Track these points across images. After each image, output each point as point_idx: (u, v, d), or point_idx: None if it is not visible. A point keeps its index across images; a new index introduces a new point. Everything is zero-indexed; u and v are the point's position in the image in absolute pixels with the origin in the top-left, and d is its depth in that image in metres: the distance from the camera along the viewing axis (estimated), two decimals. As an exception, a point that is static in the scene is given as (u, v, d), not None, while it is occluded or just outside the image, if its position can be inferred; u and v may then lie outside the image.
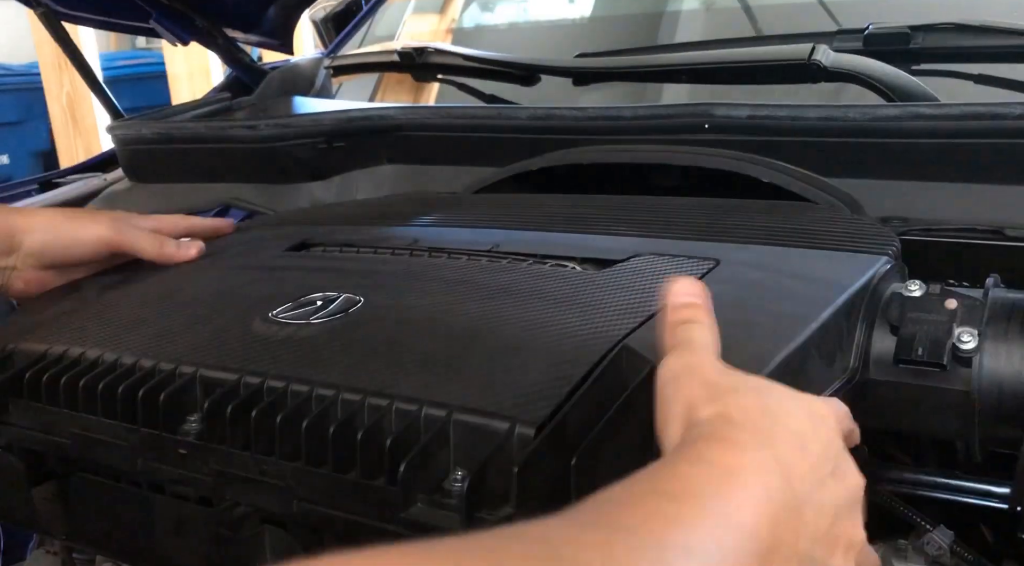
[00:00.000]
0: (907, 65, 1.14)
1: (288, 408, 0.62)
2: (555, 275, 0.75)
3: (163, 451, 0.66)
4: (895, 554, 0.78)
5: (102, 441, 0.70)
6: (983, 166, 0.90)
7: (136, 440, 0.67)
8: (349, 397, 0.61)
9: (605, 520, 0.38)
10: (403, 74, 1.62)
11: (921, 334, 0.67)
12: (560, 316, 0.65)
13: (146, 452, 0.67)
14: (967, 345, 0.66)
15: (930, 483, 0.81)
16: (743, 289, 0.69)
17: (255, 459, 0.62)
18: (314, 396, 0.62)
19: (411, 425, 0.57)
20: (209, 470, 0.64)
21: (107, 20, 1.55)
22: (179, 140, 1.30)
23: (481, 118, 1.19)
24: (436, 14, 1.91)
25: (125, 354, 0.72)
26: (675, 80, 1.37)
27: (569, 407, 0.54)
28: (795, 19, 1.51)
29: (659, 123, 1.05)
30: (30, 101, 4.27)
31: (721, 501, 0.40)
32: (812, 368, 0.63)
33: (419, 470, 0.56)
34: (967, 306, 0.68)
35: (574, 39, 1.72)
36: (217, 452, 0.64)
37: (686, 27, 1.63)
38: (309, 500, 0.61)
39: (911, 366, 0.68)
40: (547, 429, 0.53)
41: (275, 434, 0.61)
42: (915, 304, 0.69)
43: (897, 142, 0.94)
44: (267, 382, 0.64)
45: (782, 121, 0.98)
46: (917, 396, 0.69)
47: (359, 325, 0.69)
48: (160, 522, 0.71)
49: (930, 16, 1.22)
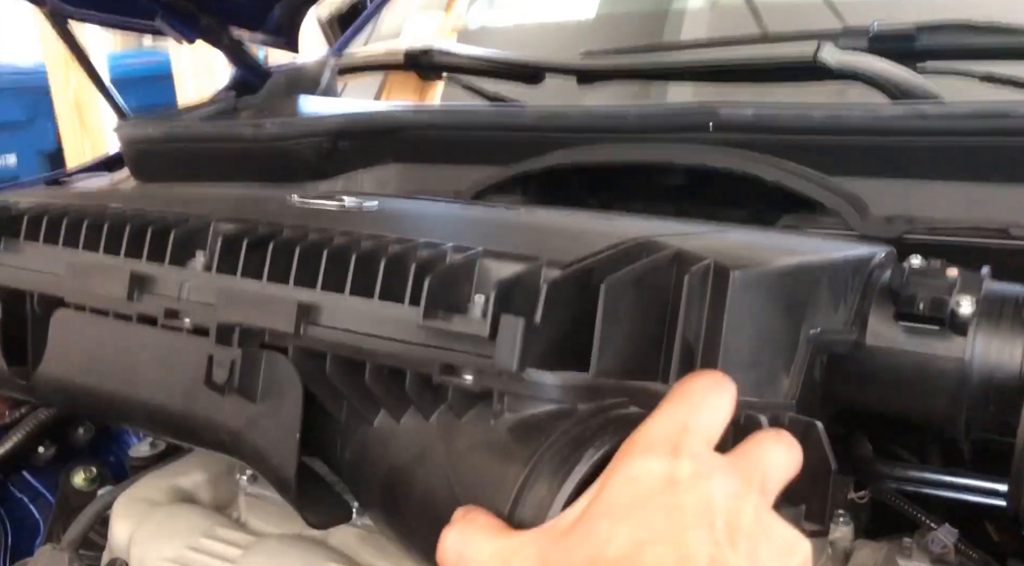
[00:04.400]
0: (912, 64, 1.14)
1: (307, 242, 0.62)
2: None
3: (165, 284, 0.66)
4: (900, 552, 0.78)
5: (99, 273, 0.69)
6: (988, 166, 0.90)
7: (137, 272, 0.67)
8: (369, 242, 0.62)
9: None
10: (408, 73, 1.62)
11: (923, 293, 0.68)
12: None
13: (146, 285, 0.67)
14: (965, 310, 0.67)
15: (934, 481, 0.81)
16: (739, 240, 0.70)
17: (267, 286, 0.62)
18: (334, 236, 0.63)
19: (436, 258, 0.58)
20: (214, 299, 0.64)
21: (113, 19, 1.55)
22: (185, 140, 1.31)
23: (486, 118, 1.20)
24: (441, 12, 1.91)
25: (131, 209, 0.71)
26: (680, 79, 1.37)
27: (593, 262, 0.56)
28: (800, 18, 1.51)
29: (664, 123, 1.05)
30: (37, 101, 4.27)
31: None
32: (822, 301, 0.64)
33: (444, 289, 0.56)
34: (966, 278, 0.69)
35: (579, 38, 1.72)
36: (225, 282, 0.64)
37: (691, 26, 1.63)
38: (319, 323, 0.61)
39: (910, 324, 0.68)
40: (573, 268, 0.55)
41: (292, 264, 0.62)
42: (917, 271, 0.70)
43: (902, 141, 0.94)
44: (285, 228, 0.65)
45: (787, 121, 0.98)
46: (910, 364, 0.69)
47: (384, 209, 0.70)
48: (148, 356, 0.70)
49: (936, 15, 1.22)
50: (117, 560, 0.88)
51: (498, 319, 0.53)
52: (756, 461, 0.48)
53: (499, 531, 0.50)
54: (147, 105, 1.81)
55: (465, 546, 0.50)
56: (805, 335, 0.64)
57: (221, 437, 0.67)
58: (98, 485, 1.19)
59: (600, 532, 0.44)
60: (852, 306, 0.70)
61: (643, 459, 0.46)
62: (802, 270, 0.64)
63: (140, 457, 1.09)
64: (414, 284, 0.58)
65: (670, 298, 0.58)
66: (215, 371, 0.64)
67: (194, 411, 0.68)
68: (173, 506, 0.92)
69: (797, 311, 0.64)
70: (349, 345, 0.62)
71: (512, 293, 0.55)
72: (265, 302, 0.63)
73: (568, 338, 0.55)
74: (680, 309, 0.57)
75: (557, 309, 0.54)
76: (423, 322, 0.57)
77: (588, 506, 0.46)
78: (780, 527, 0.46)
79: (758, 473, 0.48)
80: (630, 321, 0.56)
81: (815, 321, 0.65)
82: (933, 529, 0.77)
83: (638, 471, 0.46)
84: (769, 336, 0.62)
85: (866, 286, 0.71)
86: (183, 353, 0.68)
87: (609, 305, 0.54)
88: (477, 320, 0.56)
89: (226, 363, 0.64)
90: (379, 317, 0.60)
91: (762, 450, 0.50)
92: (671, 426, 0.47)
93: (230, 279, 0.65)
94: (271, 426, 0.64)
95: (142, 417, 0.71)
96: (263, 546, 0.84)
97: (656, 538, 0.43)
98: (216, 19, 1.49)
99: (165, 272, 0.67)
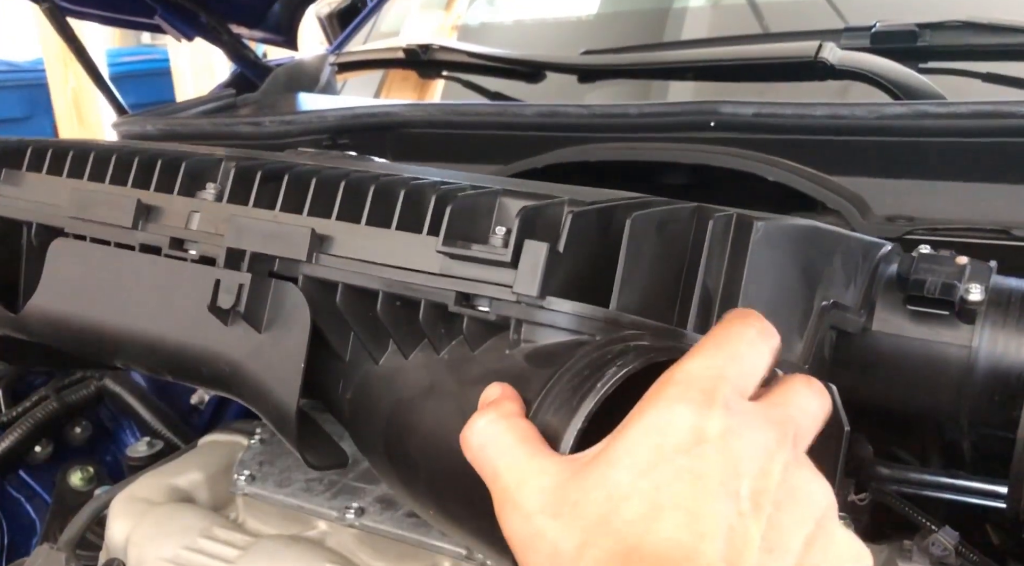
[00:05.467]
0: (914, 63, 1.14)
1: (323, 175, 0.61)
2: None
3: (173, 214, 0.64)
4: (900, 555, 0.77)
5: (104, 201, 0.66)
6: (990, 165, 0.90)
7: (145, 201, 0.65)
8: (387, 177, 0.61)
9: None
10: (408, 71, 1.62)
11: (933, 278, 0.68)
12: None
13: (152, 214, 0.65)
14: (975, 296, 0.66)
15: (935, 483, 0.80)
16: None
17: (280, 215, 0.61)
18: (351, 172, 0.62)
19: (456, 191, 0.57)
20: (224, 230, 0.62)
21: (112, 16, 1.55)
22: (184, 136, 1.30)
23: (486, 115, 1.19)
24: (441, 10, 1.90)
25: (140, 146, 0.70)
26: (681, 77, 1.36)
27: (617, 202, 0.56)
28: (802, 16, 1.50)
29: (665, 121, 1.04)
30: (35, 97, 4.27)
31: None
32: (835, 274, 0.64)
33: (464, 218, 0.55)
34: (976, 266, 0.69)
35: (580, 36, 1.71)
36: (237, 211, 0.62)
37: (692, 24, 1.62)
38: (332, 253, 0.60)
39: (918, 308, 0.68)
40: (598, 204, 0.55)
41: (307, 195, 0.61)
42: (927, 257, 0.70)
43: (904, 141, 0.93)
44: (299, 164, 0.64)
45: (788, 119, 0.98)
46: (916, 352, 0.69)
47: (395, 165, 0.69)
48: (149, 285, 0.68)
49: (938, 14, 1.21)
50: (114, 560, 0.88)
51: (521, 244, 0.52)
52: (790, 409, 0.46)
53: (524, 440, 0.47)
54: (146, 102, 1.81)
55: (491, 442, 0.47)
56: (818, 304, 0.64)
57: (221, 370, 0.65)
58: (95, 484, 1.19)
59: (618, 484, 0.42)
60: (861, 290, 0.69)
61: (673, 406, 0.43)
62: (819, 234, 0.64)
63: (137, 456, 1.09)
64: (434, 214, 0.57)
65: (690, 246, 0.57)
66: (221, 296, 0.62)
67: (194, 342, 0.65)
68: (170, 506, 0.91)
69: (812, 277, 0.63)
70: (362, 274, 0.60)
71: (535, 222, 0.54)
72: (278, 230, 0.62)
73: (589, 274, 0.53)
74: (702, 255, 0.56)
75: (580, 242, 0.54)
76: (442, 247, 0.55)
77: (610, 448, 0.44)
78: (807, 482, 0.44)
79: (792, 424, 0.45)
80: (651, 263, 0.55)
81: (828, 293, 0.64)
82: (934, 531, 0.77)
83: (666, 420, 0.43)
84: (786, 294, 0.61)
85: (874, 274, 0.70)
86: (187, 281, 0.65)
87: (633, 241, 0.54)
88: (498, 247, 0.54)
89: (233, 288, 0.62)
90: (395, 247, 0.59)
91: (796, 396, 0.47)
92: (708, 371, 0.45)
93: (242, 209, 0.63)
94: (275, 356, 0.62)
95: (137, 351, 0.69)
96: (261, 547, 0.83)
97: (674, 504, 0.41)
98: (215, 16, 1.49)
99: (173, 202, 0.65)
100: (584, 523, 0.43)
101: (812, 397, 0.48)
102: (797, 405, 0.47)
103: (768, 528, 0.42)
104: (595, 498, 0.43)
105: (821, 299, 0.64)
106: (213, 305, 0.62)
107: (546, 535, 0.43)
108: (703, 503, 0.41)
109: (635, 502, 0.42)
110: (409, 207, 0.59)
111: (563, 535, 0.43)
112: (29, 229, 0.74)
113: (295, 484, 0.89)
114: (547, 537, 0.43)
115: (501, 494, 0.46)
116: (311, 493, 0.87)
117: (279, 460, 0.93)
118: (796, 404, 0.47)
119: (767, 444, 0.43)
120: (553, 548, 0.43)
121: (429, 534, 0.80)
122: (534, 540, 0.44)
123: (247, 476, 0.90)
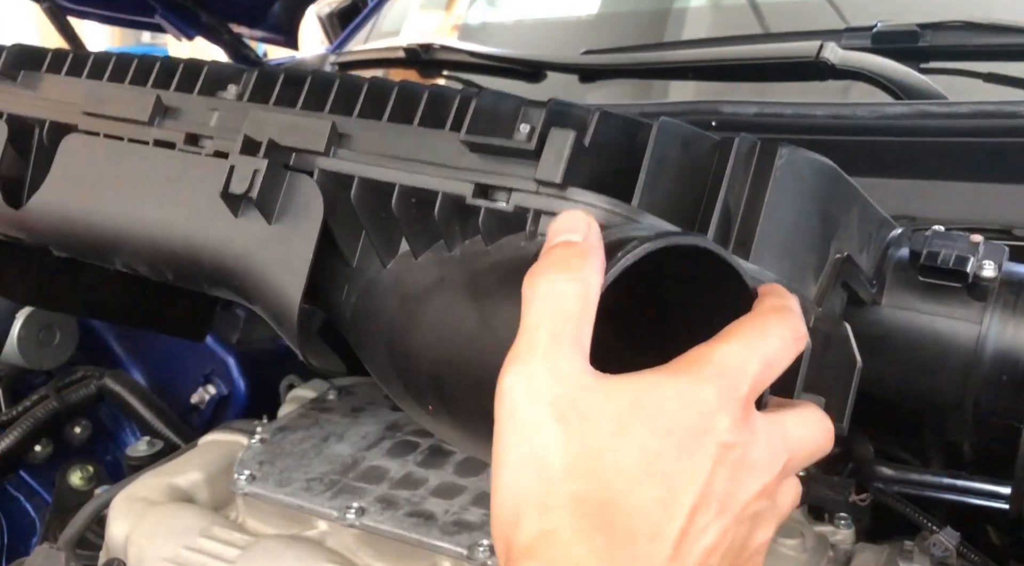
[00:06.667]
0: (916, 63, 1.13)
1: (345, 78, 0.61)
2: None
3: (192, 112, 0.64)
4: (901, 555, 0.77)
5: (121, 98, 0.65)
6: (991, 165, 0.90)
7: (163, 98, 0.64)
8: (411, 83, 0.61)
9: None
10: (409, 70, 1.62)
11: (947, 251, 0.67)
12: None
13: (170, 112, 0.64)
14: (988, 273, 0.66)
15: (936, 484, 0.81)
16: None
17: (300, 112, 0.61)
18: (373, 78, 0.62)
19: (479, 98, 0.57)
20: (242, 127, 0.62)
21: (113, 15, 1.55)
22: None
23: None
24: (442, 10, 1.90)
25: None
26: (682, 77, 1.36)
27: (642, 120, 0.55)
28: (803, 16, 1.50)
29: (666, 121, 1.04)
30: (36, 96, 4.26)
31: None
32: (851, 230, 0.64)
33: (489, 114, 0.54)
34: (990, 245, 0.68)
35: (581, 36, 1.71)
36: (257, 108, 0.62)
37: (693, 24, 1.62)
38: (352, 148, 0.59)
39: (930, 280, 0.67)
40: (624, 116, 0.54)
41: (329, 95, 0.60)
42: (940, 235, 0.69)
43: (905, 141, 0.93)
44: (320, 70, 0.64)
45: (789, 119, 0.98)
46: (925, 329, 0.68)
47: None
48: (159, 177, 0.66)
49: (939, 14, 1.21)
50: (114, 560, 0.88)
51: (546, 134, 0.52)
52: (790, 443, 0.47)
53: (583, 318, 0.44)
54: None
55: (556, 299, 0.44)
56: (834, 252, 0.63)
57: (225, 263, 0.63)
58: (95, 484, 1.19)
59: (627, 430, 0.42)
60: (874, 262, 0.68)
61: (703, 386, 0.43)
62: (841, 179, 0.63)
63: (137, 456, 1.09)
64: (457, 111, 0.56)
65: (713, 169, 0.56)
66: (234, 182, 0.60)
67: (201, 234, 0.64)
68: (170, 506, 0.91)
69: (830, 221, 0.63)
70: (380, 167, 0.59)
71: (562, 117, 0.53)
72: (297, 122, 0.61)
73: (612, 180, 0.52)
74: (725, 174, 0.55)
75: (606, 141, 0.53)
76: (464, 137, 0.54)
77: (639, 389, 0.43)
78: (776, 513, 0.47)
79: (787, 457, 0.46)
80: (675, 174, 0.54)
81: (843, 245, 0.64)
82: (935, 532, 0.77)
83: (691, 396, 0.43)
84: (804, 229, 0.61)
85: (885, 252, 0.70)
86: (199, 173, 0.64)
87: (659, 145, 0.53)
88: (523, 137, 0.53)
89: (248, 174, 0.60)
90: (416, 142, 0.58)
91: (804, 429, 0.48)
92: (743, 365, 0.45)
93: (262, 107, 0.62)
94: (284, 248, 0.61)
95: (140, 246, 0.67)
96: (261, 546, 0.83)
97: (664, 479, 0.42)
98: (216, 16, 1.49)
99: (192, 101, 0.64)
100: (581, 449, 0.42)
101: (815, 439, 0.49)
102: (799, 439, 0.48)
103: (738, 546, 0.44)
104: (604, 429, 0.42)
105: (836, 250, 0.63)
106: (225, 191, 0.61)
107: (542, 432, 0.43)
108: (685, 492, 0.42)
109: (635, 456, 0.42)
110: (432, 106, 0.58)
111: (556, 447, 0.42)
112: (41, 129, 0.72)
113: (295, 484, 0.89)
114: (542, 435, 0.43)
115: (526, 351, 0.44)
116: (311, 493, 0.87)
117: (279, 460, 0.93)
118: (800, 438, 0.48)
119: (760, 468, 0.45)
120: (543, 450, 0.42)
121: (429, 534, 0.80)
122: (527, 428, 0.43)
123: (247, 476, 0.90)
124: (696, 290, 0.53)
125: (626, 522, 0.42)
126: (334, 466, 0.91)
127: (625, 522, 0.42)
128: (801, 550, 0.78)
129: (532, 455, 0.43)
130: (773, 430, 0.46)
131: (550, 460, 0.42)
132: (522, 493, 0.43)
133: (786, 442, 0.46)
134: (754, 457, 0.44)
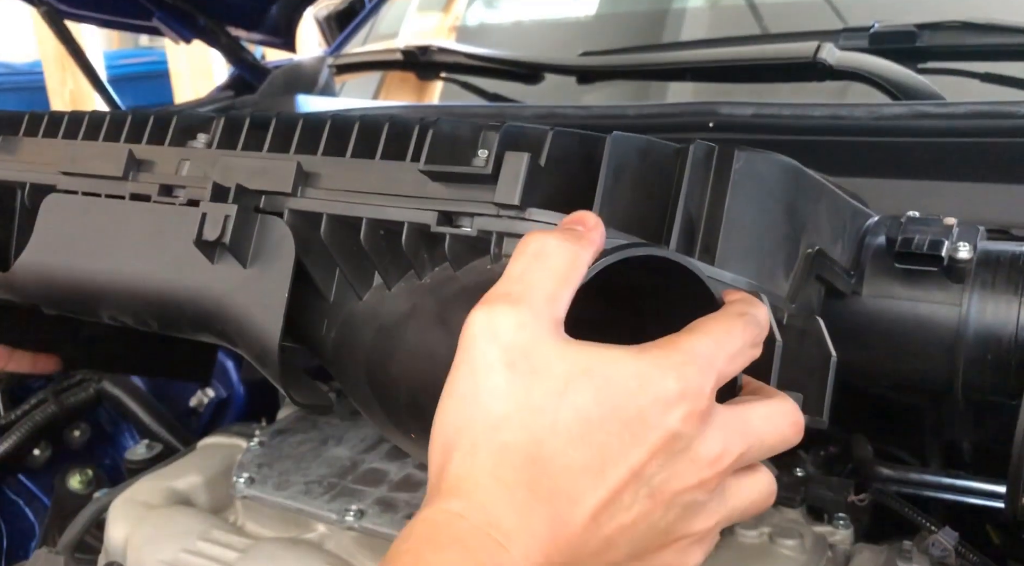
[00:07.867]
0: (913, 63, 1.13)
1: (308, 118, 0.63)
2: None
3: (164, 163, 0.66)
4: (900, 556, 0.77)
5: (95, 156, 0.67)
6: (988, 165, 0.90)
7: (135, 153, 0.66)
8: (373, 114, 0.62)
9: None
10: (406, 72, 1.62)
11: (921, 236, 0.68)
12: None
13: (143, 165, 0.66)
14: (963, 254, 0.66)
15: (935, 484, 0.81)
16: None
17: (267, 155, 0.62)
18: (336, 114, 0.63)
19: (436, 126, 0.58)
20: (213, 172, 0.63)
21: (110, 19, 1.55)
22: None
23: (484, 117, 1.19)
24: (439, 12, 1.90)
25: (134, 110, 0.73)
26: (680, 78, 1.36)
27: (599, 135, 0.55)
28: (800, 17, 1.50)
29: (663, 121, 1.04)
30: (33, 100, 4.25)
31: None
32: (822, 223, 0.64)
33: (447, 144, 0.56)
34: (965, 227, 0.69)
35: (578, 37, 1.71)
36: (225, 155, 0.64)
37: (691, 25, 1.62)
38: (318, 187, 0.61)
39: (907, 266, 0.68)
40: (580, 132, 0.55)
41: (293, 137, 0.61)
42: (915, 220, 0.70)
43: (902, 141, 0.93)
44: (284, 111, 0.66)
45: (787, 119, 0.98)
46: (906, 314, 0.68)
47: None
48: (137, 230, 0.68)
49: (936, 14, 1.21)
50: (113, 563, 0.88)
51: (501, 157, 0.53)
52: (749, 439, 0.47)
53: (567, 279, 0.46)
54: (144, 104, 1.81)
55: (545, 257, 0.46)
56: (804, 248, 0.64)
57: (206, 308, 0.65)
58: (94, 488, 1.18)
59: (577, 392, 0.43)
60: (851, 254, 0.69)
61: (667, 372, 0.44)
62: (803, 176, 0.63)
63: (136, 459, 1.09)
64: (416, 142, 0.58)
65: (675, 179, 0.57)
66: (207, 228, 0.62)
67: (179, 282, 0.66)
68: (169, 509, 0.91)
69: (797, 218, 0.63)
70: (347, 203, 0.60)
71: (518, 141, 0.54)
72: (264, 166, 0.63)
73: (570, 198, 0.53)
74: (683, 183, 0.56)
75: (563, 158, 0.54)
76: (424, 167, 0.56)
77: (598, 358, 0.44)
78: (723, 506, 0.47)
79: (741, 446, 0.46)
80: (633, 186, 0.55)
81: (814, 239, 0.64)
82: (933, 532, 0.77)
83: (649, 379, 0.44)
84: (770, 231, 0.61)
85: (862, 241, 0.70)
86: (174, 222, 0.66)
87: (613, 158, 0.54)
88: (479, 164, 0.55)
89: (219, 219, 0.62)
90: (379, 176, 0.59)
91: (767, 423, 0.48)
92: (708, 359, 0.45)
93: (230, 153, 0.64)
94: (260, 290, 0.62)
95: (124, 299, 0.69)
96: (259, 549, 0.83)
97: (600, 450, 0.42)
98: (213, 18, 1.49)
99: (164, 153, 0.66)
100: (522, 401, 0.43)
101: (779, 432, 0.49)
102: (761, 432, 0.47)
103: (660, 530, 0.44)
104: (549, 386, 0.43)
105: (807, 245, 0.64)
106: (199, 239, 0.62)
107: (490, 374, 0.43)
108: (616, 467, 0.43)
109: (572, 420, 0.43)
110: (393, 138, 0.59)
111: (500, 393, 0.43)
112: (23, 191, 0.74)
113: (294, 487, 0.89)
114: (489, 377, 0.43)
115: (500, 295, 0.45)
116: (310, 495, 0.87)
117: (278, 463, 0.93)
118: (761, 431, 0.48)
119: (703, 462, 0.45)
120: (487, 393, 0.43)
121: (428, 536, 0.80)
122: (478, 367, 0.44)
123: (246, 479, 0.90)
124: (668, 300, 0.54)
125: (550, 482, 0.42)
126: (333, 469, 0.91)
127: (549, 482, 0.42)
128: (800, 550, 0.78)
129: (475, 394, 0.44)
130: (731, 423, 0.46)
131: (491, 404, 0.43)
132: (461, 426, 0.44)
133: (745, 435, 0.46)
134: (699, 451, 0.44)
